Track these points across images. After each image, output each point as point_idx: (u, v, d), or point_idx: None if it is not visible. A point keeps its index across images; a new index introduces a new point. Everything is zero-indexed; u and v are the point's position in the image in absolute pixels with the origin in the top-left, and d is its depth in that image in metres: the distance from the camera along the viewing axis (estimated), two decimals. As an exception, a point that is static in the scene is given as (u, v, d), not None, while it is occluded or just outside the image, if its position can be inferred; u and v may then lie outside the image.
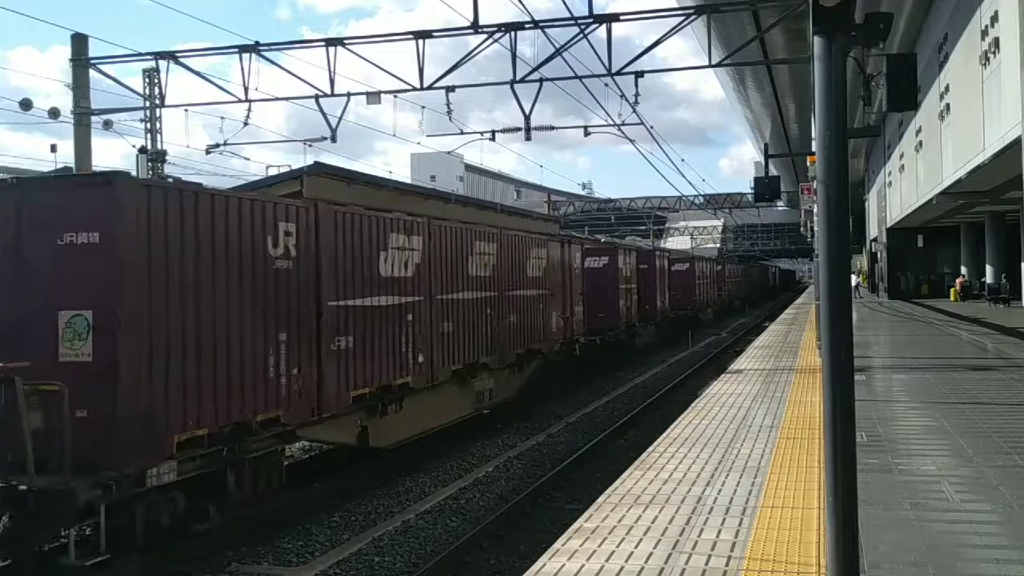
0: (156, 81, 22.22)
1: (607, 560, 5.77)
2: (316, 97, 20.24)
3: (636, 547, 6.02)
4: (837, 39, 4.48)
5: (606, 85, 20.46)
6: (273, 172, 21.97)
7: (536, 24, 18.32)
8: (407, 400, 12.83)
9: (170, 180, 10.24)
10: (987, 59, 19.80)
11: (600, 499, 7.39)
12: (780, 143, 52.58)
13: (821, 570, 5.29)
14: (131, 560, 8.13)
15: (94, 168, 20.71)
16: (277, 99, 21.95)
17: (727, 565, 5.59)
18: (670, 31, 18.35)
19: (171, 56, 20.56)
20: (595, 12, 18.24)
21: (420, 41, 18.97)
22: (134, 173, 21.64)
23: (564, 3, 17.06)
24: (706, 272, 44.70)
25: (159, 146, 23.92)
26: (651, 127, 24.51)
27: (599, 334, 24.02)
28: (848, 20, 4.42)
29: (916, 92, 5.03)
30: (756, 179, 20.93)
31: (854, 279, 41.98)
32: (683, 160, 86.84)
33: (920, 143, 32.64)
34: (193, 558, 8.84)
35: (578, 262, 22.33)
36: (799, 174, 47.69)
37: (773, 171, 24.85)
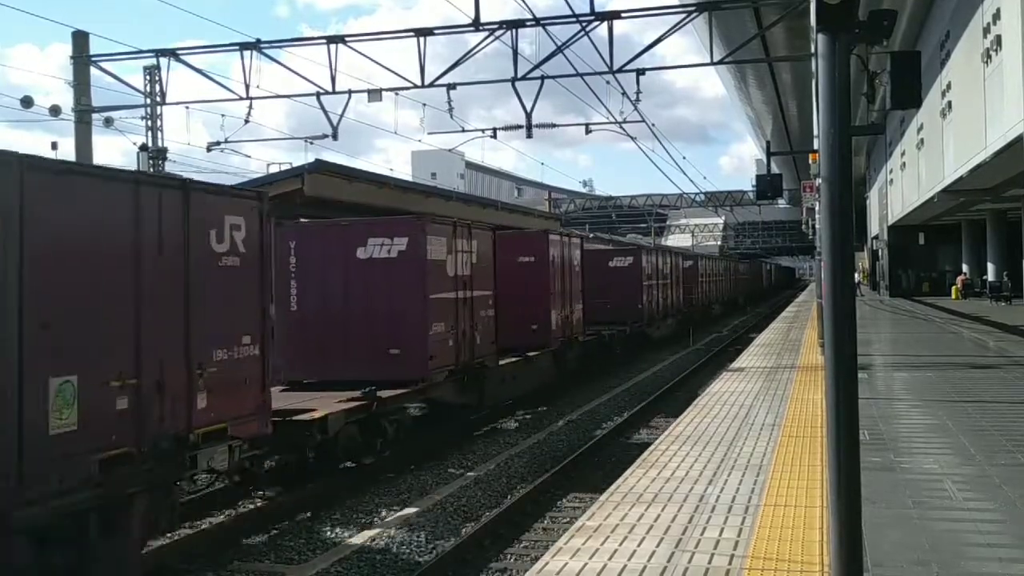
0: (157, 78, 22.21)
1: (610, 558, 5.76)
2: (317, 95, 20.25)
3: (639, 545, 6.01)
4: (841, 36, 4.46)
5: (607, 82, 20.47)
6: (274, 169, 22.03)
7: (537, 21, 18.32)
8: None
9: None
10: (989, 57, 19.76)
11: (603, 497, 7.39)
12: (781, 140, 52.57)
13: (824, 569, 5.28)
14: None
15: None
16: (278, 96, 21.95)
17: (730, 564, 5.58)
18: (671, 28, 18.37)
19: (172, 53, 20.59)
20: (596, 10, 18.26)
21: (421, 38, 18.98)
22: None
23: (566, 1, 17.06)
24: (664, 269, 32.04)
25: (160, 143, 23.91)
26: (652, 124, 24.52)
27: (368, 397, 11.81)
28: (852, 17, 4.41)
29: (920, 90, 5.00)
30: (758, 176, 20.95)
31: (856, 277, 41.90)
32: (684, 158, 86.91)
33: (921, 141, 32.60)
34: (195, 555, 8.84)
35: (244, 241, 9.18)
36: (800, 171, 47.73)
37: (775, 168, 24.88)
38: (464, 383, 15.04)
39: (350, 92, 20.31)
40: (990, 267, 41.94)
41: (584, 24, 18.27)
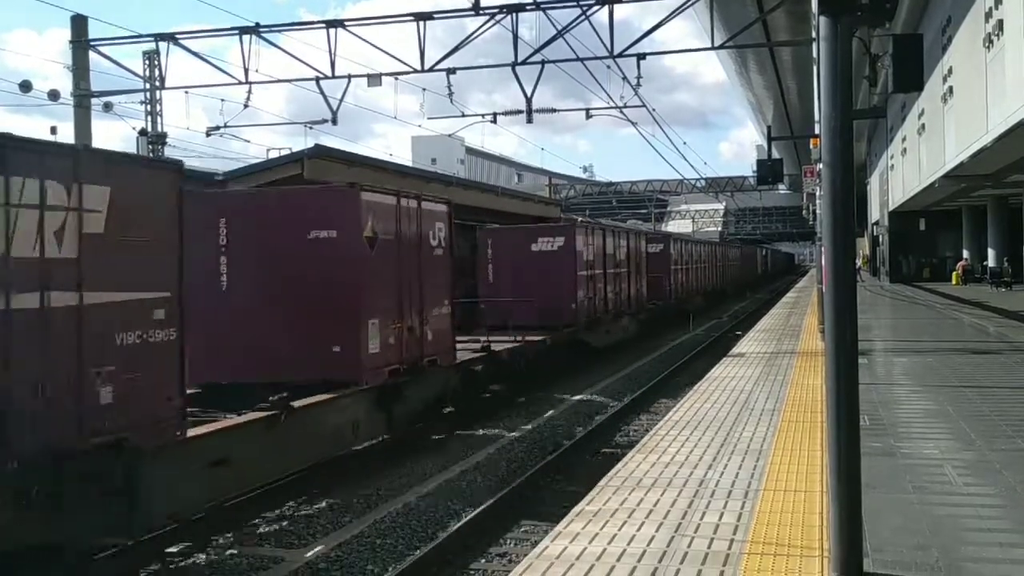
0: (156, 63, 22.13)
1: (609, 543, 5.77)
2: (317, 79, 20.19)
3: (638, 530, 6.02)
4: (843, 19, 4.44)
5: (608, 67, 20.40)
6: (274, 155, 21.97)
7: (538, 6, 18.26)
8: None
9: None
10: (991, 41, 19.69)
11: (602, 482, 7.39)
12: (782, 125, 52.46)
13: (824, 553, 5.29)
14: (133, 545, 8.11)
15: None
16: (278, 81, 21.85)
17: (730, 548, 5.59)
18: (672, 13, 18.31)
19: (171, 38, 20.50)
20: (597, -6, 18.20)
21: (421, 23, 18.89)
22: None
23: (566, -16, 17.01)
24: (617, 255, 24.32)
25: (159, 128, 23.85)
26: (653, 109, 24.45)
27: None
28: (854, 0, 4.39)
29: (922, 72, 4.98)
30: (759, 162, 20.93)
31: (856, 262, 41.67)
32: (684, 143, 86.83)
33: (923, 126, 32.53)
34: (195, 540, 8.85)
35: None
36: (801, 156, 47.63)
37: (775, 154, 24.82)
38: (49, 500, 6.60)
39: (349, 77, 20.24)
40: (991, 253, 41.94)
41: (584, 8, 18.21)
